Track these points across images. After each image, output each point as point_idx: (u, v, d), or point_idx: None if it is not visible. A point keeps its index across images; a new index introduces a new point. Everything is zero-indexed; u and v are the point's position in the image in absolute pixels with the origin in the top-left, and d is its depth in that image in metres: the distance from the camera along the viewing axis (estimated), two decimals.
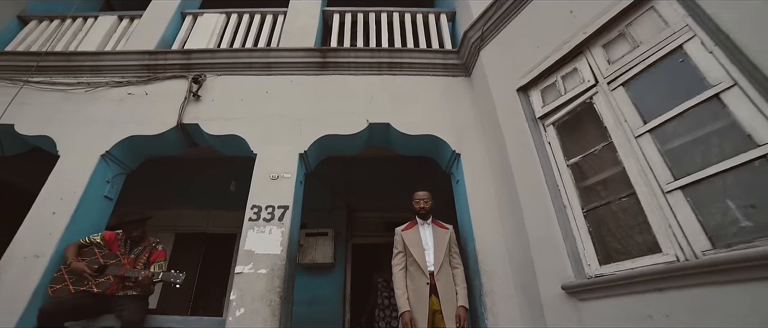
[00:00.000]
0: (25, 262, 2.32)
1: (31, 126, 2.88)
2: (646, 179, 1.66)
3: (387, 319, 3.63)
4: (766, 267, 1.22)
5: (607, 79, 1.94)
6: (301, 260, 3.88)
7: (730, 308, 1.28)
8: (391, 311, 3.64)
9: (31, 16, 3.77)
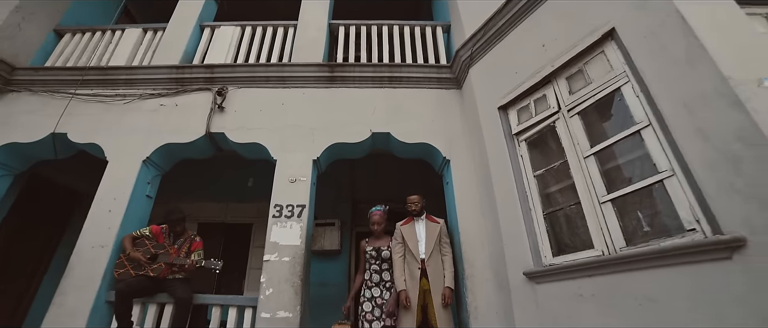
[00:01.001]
0: (93, 251, 2.87)
1: (81, 135, 3.37)
2: (588, 191, 2.16)
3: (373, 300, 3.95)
4: (658, 258, 1.74)
5: (567, 107, 2.41)
6: (312, 247, 4.44)
7: (636, 288, 1.81)
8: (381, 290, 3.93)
9: (65, 29, 4.18)
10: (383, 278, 2.81)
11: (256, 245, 4.83)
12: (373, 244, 2.93)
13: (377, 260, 2.86)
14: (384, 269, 2.84)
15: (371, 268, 2.85)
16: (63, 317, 2.65)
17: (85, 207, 4.73)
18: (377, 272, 2.83)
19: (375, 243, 2.94)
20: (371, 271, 2.84)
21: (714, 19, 1.86)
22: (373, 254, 2.87)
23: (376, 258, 2.86)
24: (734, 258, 1.49)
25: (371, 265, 2.86)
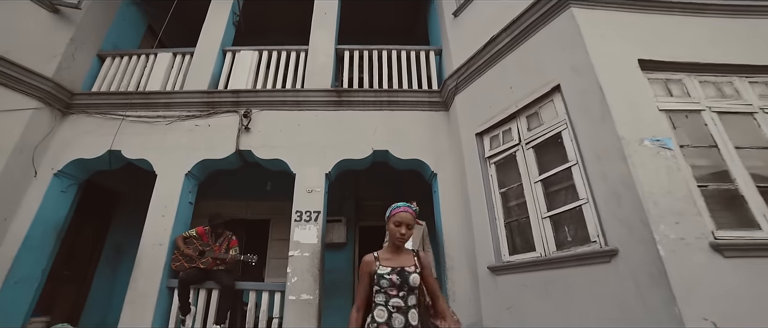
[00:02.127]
0: (153, 248, 3.69)
1: (133, 151, 4.13)
2: (535, 208, 2.94)
3: None
4: (575, 260, 2.54)
5: (525, 141, 3.16)
6: None
7: (560, 279, 2.62)
8: None
9: (106, 53, 4.86)
10: (409, 321, 1.59)
11: (273, 238, 5.69)
12: (390, 262, 1.70)
13: (400, 289, 1.62)
14: (410, 306, 1.61)
15: (388, 300, 1.60)
16: (138, 298, 3.50)
17: (125, 206, 5.60)
18: (399, 309, 1.59)
19: (393, 260, 1.71)
20: (388, 306, 1.60)
21: (621, 86, 2.60)
22: (395, 279, 1.62)
23: (398, 285, 1.62)
24: (612, 261, 2.29)
25: (388, 295, 1.61)
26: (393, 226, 1.72)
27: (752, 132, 2.60)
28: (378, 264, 1.68)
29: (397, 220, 1.71)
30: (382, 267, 1.67)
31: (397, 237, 1.70)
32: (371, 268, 1.69)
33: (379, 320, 1.58)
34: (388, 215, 1.78)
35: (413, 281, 1.63)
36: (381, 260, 1.70)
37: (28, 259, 3.68)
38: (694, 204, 2.23)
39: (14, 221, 3.72)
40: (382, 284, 1.62)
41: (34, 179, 3.93)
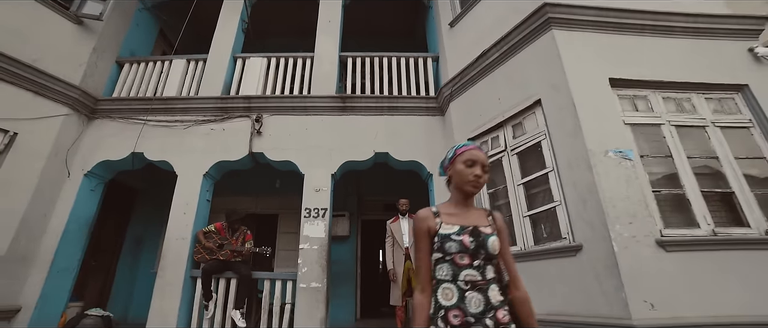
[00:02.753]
0: (177, 242, 4.14)
1: (155, 154, 4.54)
2: (517, 208, 3.38)
3: None
4: (548, 253, 2.99)
5: (511, 147, 3.58)
6: None
7: (536, 270, 3.07)
8: None
9: (124, 60, 5.23)
10: (491, 300, 1.14)
11: (281, 231, 6.16)
12: (456, 219, 1.25)
13: (475, 256, 1.17)
14: (489, 280, 1.17)
15: (457, 273, 1.16)
16: (165, 285, 3.96)
17: (142, 202, 6.04)
18: (475, 284, 1.15)
19: (460, 217, 1.26)
20: (458, 281, 1.15)
21: (592, 103, 3.00)
22: (467, 242, 1.17)
23: (472, 251, 1.17)
24: (577, 255, 2.74)
25: (457, 265, 1.17)
26: (463, 166, 1.24)
27: (703, 143, 3.03)
28: (439, 221, 1.21)
29: (469, 157, 1.24)
30: (446, 225, 1.19)
31: (470, 181, 1.21)
32: (429, 225, 1.21)
33: (446, 302, 1.11)
34: (452, 156, 1.30)
35: (492, 246, 1.15)
36: (443, 217, 1.23)
37: (66, 251, 4.15)
38: (646, 207, 2.67)
39: (53, 217, 4.17)
40: (447, 249, 1.15)
41: (67, 179, 4.36)
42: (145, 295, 5.43)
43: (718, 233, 2.67)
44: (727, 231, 2.69)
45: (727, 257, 2.58)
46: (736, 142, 3.06)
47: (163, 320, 3.84)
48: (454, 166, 1.30)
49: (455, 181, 1.29)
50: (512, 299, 1.23)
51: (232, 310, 3.95)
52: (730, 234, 2.67)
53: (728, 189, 2.85)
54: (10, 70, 3.92)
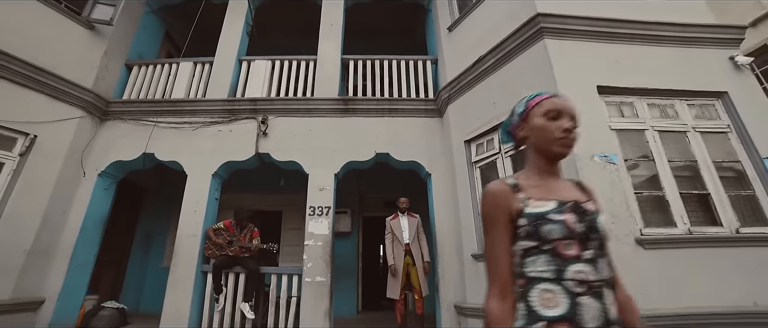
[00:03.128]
0: (188, 239, 4.39)
1: (165, 154, 4.77)
2: None
3: None
4: None
5: (504, 150, 3.80)
6: None
7: None
8: None
9: (132, 62, 5.43)
10: (607, 305, 0.81)
11: (286, 228, 6.41)
12: (546, 192, 0.93)
13: (586, 241, 0.85)
14: (606, 281, 0.83)
15: (564, 268, 0.82)
16: (178, 280, 4.22)
17: (151, 199, 6.29)
18: (592, 288, 0.81)
19: (549, 189, 0.94)
20: (564, 281, 0.81)
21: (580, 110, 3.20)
22: (571, 223, 0.85)
23: (581, 236, 0.84)
24: None
25: (561, 257, 0.83)
26: (543, 121, 0.94)
27: (684, 147, 3.25)
28: (523, 197, 0.89)
29: (551, 107, 0.95)
30: (536, 201, 0.88)
31: (558, 139, 0.92)
32: (510, 203, 0.88)
33: (548, 311, 0.79)
34: (523, 110, 1.00)
35: (604, 229, 0.88)
36: (527, 190, 0.91)
37: (83, 247, 4.40)
38: (628, 208, 2.90)
39: (71, 215, 4.42)
40: (546, 234, 0.83)
41: (83, 179, 4.59)
42: (155, 288, 5.73)
43: (694, 231, 2.91)
44: (702, 230, 2.92)
45: (700, 253, 2.82)
46: (714, 146, 3.28)
47: (176, 313, 4.10)
48: (528, 122, 0.98)
49: (535, 142, 0.96)
50: (620, 305, 0.84)
51: (241, 303, 4.20)
52: (704, 233, 2.90)
53: (705, 191, 3.08)
54: (30, 75, 4.13)
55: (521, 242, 0.87)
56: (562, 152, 0.96)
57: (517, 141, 1.07)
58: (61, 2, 4.70)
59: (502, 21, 4.04)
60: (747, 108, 3.37)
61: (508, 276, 0.86)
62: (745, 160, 3.20)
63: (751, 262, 2.80)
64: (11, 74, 4.01)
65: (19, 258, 3.83)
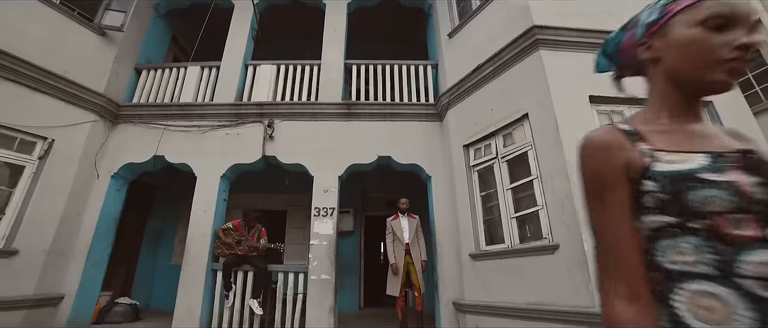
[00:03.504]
0: (199, 238, 4.60)
1: (175, 157, 4.97)
2: (506, 210, 3.83)
3: None
4: (531, 251, 3.44)
5: (501, 155, 4.01)
6: None
7: (519, 265, 3.53)
8: None
9: (141, 67, 5.62)
10: None
11: (290, 226, 6.64)
12: (685, 141, 0.64)
13: None
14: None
15: (734, 259, 0.53)
16: (189, 277, 4.44)
17: (160, 199, 6.50)
18: None
19: (691, 137, 0.65)
20: (735, 277, 0.53)
21: (572, 118, 3.41)
22: (749, 187, 0.56)
23: (758, 203, 0.55)
24: (554, 253, 3.19)
25: (725, 241, 0.54)
26: (701, 32, 0.63)
27: None
28: (647, 149, 0.64)
29: (719, 12, 0.63)
30: (670, 155, 0.63)
31: (726, 61, 0.62)
32: (627, 157, 0.65)
33: (706, 324, 0.54)
34: (657, 17, 0.70)
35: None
36: (651, 139, 0.66)
37: (98, 246, 4.62)
38: None
39: (85, 216, 4.63)
40: (697, 204, 0.57)
41: (96, 181, 4.80)
42: (164, 285, 5.98)
43: None
44: None
45: None
46: None
47: (188, 309, 4.33)
48: (666, 36, 0.68)
49: (676, 66, 0.67)
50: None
51: (250, 299, 4.43)
52: None
53: None
54: (46, 81, 4.32)
55: (649, 217, 0.61)
56: (727, 82, 0.63)
57: (628, 66, 0.78)
58: (74, 10, 4.87)
59: (500, 30, 4.22)
60: (728, 115, 3.57)
61: (638, 267, 0.61)
62: None
63: None
64: (28, 80, 4.20)
65: (41, 257, 4.05)
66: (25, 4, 4.30)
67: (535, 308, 3.23)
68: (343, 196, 6.01)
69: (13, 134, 4.06)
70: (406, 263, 4.37)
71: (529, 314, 3.27)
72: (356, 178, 6.61)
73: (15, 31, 4.15)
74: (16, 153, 4.07)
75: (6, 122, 3.97)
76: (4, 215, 3.91)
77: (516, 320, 3.40)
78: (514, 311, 3.42)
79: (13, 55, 4.03)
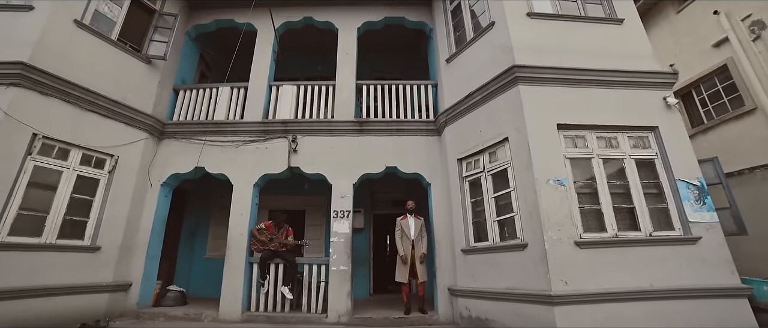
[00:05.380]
0: (238, 237, 5.68)
1: (214, 168, 6.02)
2: (489, 214, 4.86)
3: None
4: (508, 248, 4.48)
5: (487, 169, 5.02)
6: None
7: (498, 258, 4.58)
8: None
9: (179, 87, 6.62)
10: None
11: (308, 224, 7.72)
12: None
13: None
14: None
15: None
16: (232, 268, 5.53)
17: (193, 201, 7.58)
18: None
19: None
20: None
21: (542, 143, 4.41)
22: None
23: None
24: (524, 250, 4.23)
25: None
26: None
27: (619, 171, 4.46)
28: None
29: None
30: None
31: None
32: None
33: None
34: None
35: None
36: None
37: (153, 242, 5.73)
38: (571, 219, 4.13)
39: (142, 218, 5.72)
40: None
41: (149, 189, 5.87)
42: (200, 275, 7.14)
43: (619, 235, 4.15)
44: (625, 234, 4.17)
45: (622, 251, 4.07)
46: (643, 170, 4.49)
47: (232, 294, 5.43)
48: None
49: None
50: None
51: (282, 286, 5.53)
52: (626, 236, 4.15)
53: (631, 205, 4.31)
54: (112, 108, 5.35)
55: None
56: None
57: None
58: (126, 43, 5.85)
59: (488, 63, 5.18)
60: (671, 139, 4.56)
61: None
62: (664, 181, 4.42)
63: (657, 257, 4.05)
64: (99, 108, 5.23)
65: (115, 252, 5.16)
66: (94, 44, 5.29)
67: (509, 291, 4.30)
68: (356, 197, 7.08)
69: (91, 154, 5.12)
70: (412, 256, 5.43)
71: (506, 297, 4.33)
72: (366, 181, 7.67)
73: (88, 68, 5.15)
74: (93, 169, 5.14)
75: (88, 145, 5.03)
76: (89, 219, 4.99)
77: (496, 301, 4.48)
78: (495, 295, 4.49)
79: (91, 90, 5.07)
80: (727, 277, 3.99)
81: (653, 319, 3.84)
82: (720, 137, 7.48)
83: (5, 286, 4.02)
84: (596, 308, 3.84)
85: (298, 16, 7.04)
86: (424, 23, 7.03)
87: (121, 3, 5.85)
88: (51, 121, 4.68)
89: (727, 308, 3.87)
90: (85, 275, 4.80)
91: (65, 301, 4.54)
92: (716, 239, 4.14)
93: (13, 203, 4.23)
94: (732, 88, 7.36)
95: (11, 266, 4.14)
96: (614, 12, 5.40)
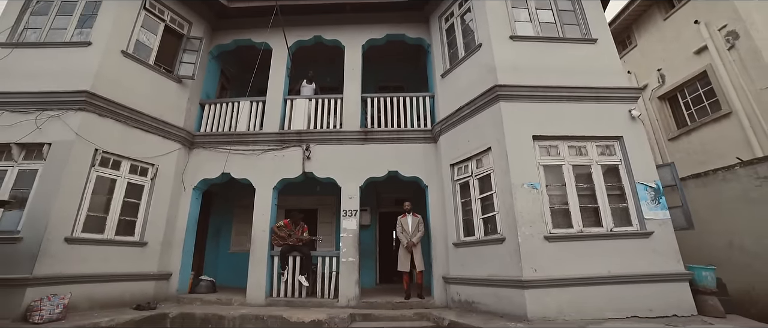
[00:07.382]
0: (261, 233, 6.69)
1: (238, 173, 7.03)
2: (476, 213, 5.75)
3: None
4: (491, 242, 5.38)
5: (474, 174, 5.91)
6: None
7: (483, 251, 5.48)
8: None
9: (205, 102, 7.64)
10: None
11: (320, 222, 8.72)
12: None
13: None
14: None
15: None
16: (256, 261, 6.55)
17: (217, 202, 8.65)
18: None
19: None
20: None
21: (519, 152, 5.27)
22: None
23: None
24: (502, 243, 5.13)
25: None
26: None
27: (587, 175, 5.30)
28: None
29: None
30: None
31: None
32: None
33: None
34: None
35: None
36: None
37: (188, 239, 6.79)
38: (542, 217, 5.00)
39: (178, 218, 6.78)
40: None
41: (183, 192, 6.93)
42: (225, 267, 8.23)
43: (584, 231, 5.01)
44: (589, 230, 5.02)
45: (586, 244, 4.93)
46: (608, 174, 5.32)
47: (257, 282, 6.45)
48: None
49: None
50: None
51: (299, 275, 6.53)
52: (590, 231, 5.00)
53: (596, 205, 5.15)
54: (152, 124, 6.40)
55: None
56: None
57: None
58: (160, 66, 6.87)
59: (476, 80, 6.03)
60: (634, 147, 5.37)
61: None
62: (626, 184, 5.25)
63: (616, 249, 4.89)
64: (142, 125, 6.27)
65: (158, 247, 6.24)
66: (137, 69, 6.33)
67: (491, 278, 5.21)
68: (362, 197, 8.05)
69: (137, 163, 6.18)
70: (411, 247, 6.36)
71: (488, 283, 5.24)
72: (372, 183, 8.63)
73: (133, 91, 6.19)
74: (139, 176, 6.20)
75: (134, 156, 6.09)
76: (137, 219, 6.07)
77: (480, 286, 5.39)
78: (479, 281, 5.40)
79: (136, 110, 6.12)
80: (673, 265, 4.83)
81: (610, 300, 4.70)
82: (700, 139, 8.21)
83: (86, 271, 5.12)
84: (561, 291, 4.72)
85: (308, 35, 7.98)
86: (422, 40, 7.90)
87: (155, 31, 6.87)
88: (107, 138, 5.74)
89: (672, 291, 4.71)
90: (136, 265, 5.89)
91: (123, 286, 5.63)
92: (667, 232, 4.97)
93: (83, 205, 5.31)
94: (712, 93, 8.07)
95: (88, 256, 5.25)
96: (589, 32, 6.18)
